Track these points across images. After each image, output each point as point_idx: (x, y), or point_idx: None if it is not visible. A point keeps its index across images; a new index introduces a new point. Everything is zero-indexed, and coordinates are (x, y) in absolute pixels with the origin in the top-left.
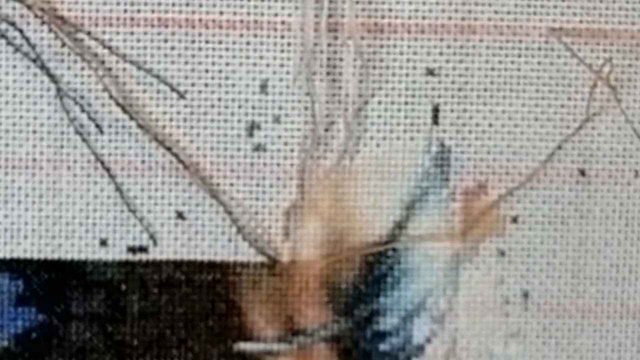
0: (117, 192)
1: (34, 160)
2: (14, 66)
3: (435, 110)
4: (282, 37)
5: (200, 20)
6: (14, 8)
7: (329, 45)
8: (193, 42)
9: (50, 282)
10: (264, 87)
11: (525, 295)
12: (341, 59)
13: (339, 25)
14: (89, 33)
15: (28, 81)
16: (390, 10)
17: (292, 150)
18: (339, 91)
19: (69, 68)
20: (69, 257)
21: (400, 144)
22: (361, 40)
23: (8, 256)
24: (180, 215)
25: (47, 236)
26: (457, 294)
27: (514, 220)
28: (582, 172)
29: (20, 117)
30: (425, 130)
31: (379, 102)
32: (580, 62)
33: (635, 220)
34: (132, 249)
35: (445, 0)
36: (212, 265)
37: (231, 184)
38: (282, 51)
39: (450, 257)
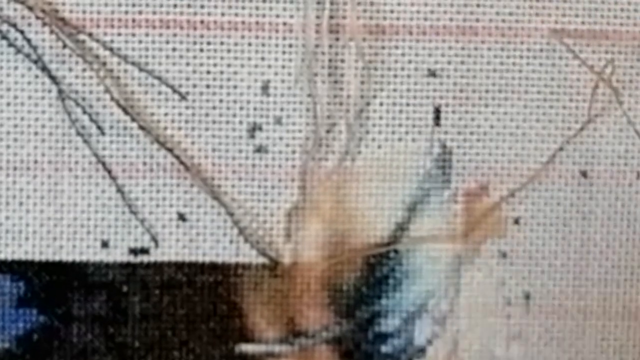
0: (119, 194)
1: (36, 161)
2: (16, 68)
3: (437, 112)
4: (284, 38)
5: (201, 21)
6: (15, 9)
7: (330, 46)
8: (195, 43)
9: (51, 283)
10: (265, 89)
11: (527, 296)
12: (343, 61)
13: (340, 27)
14: (90, 34)
15: (29, 83)
16: (392, 11)
17: (293, 152)
18: (340, 93)
19: (70, 69)
20: (70, 258)
21: (402, 146)
22: (363, 41)
23: (9, 258)
24: (181, 217)
25: (49, 238)
26: (459, 295)
27: (516, 221)
28: (584, 174)
29: (22, 118)
30: (427, 131)
31: (381, 104)
32: (582, 64)
33: (637, 221)
34: (133, 251)
35: (447, 2)
36: (213, 267)
37: (233, 186)
38: (284, 52)
39: (452, 259)
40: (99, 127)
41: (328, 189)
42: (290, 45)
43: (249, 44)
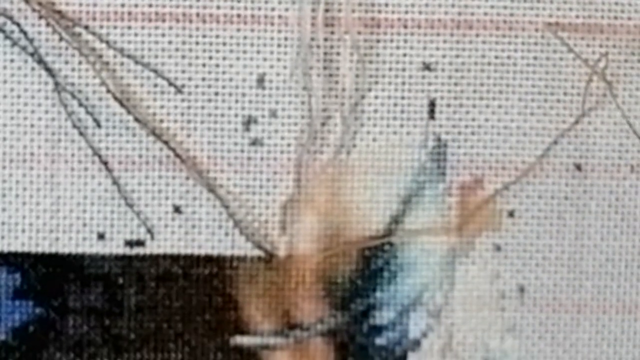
0: (115, 186)
1: (32, 154)
2: (12, 60)
3: (432, 105)
4: (279, 31)
5: (197, 14)
6: (11, 2)
7: (325, 39)
8: (190, 36)
9: (47, 275)
10: (261, 82)
11: (522, 289)
12: (338, 54)
13: (335, 20)
14: (86, 27)
15: (26, 75)
16: (386, 4)
17: (289, 145)
18: (335, 85)
19: (66, 62)
20: (66, 250)
21: (396, 139)
22: (358, 34)
23: (6, 250)
24: (177, 209)
25: (45, 230)
26: (454, 288)
27: (510, 214)
28: (579, 167)
29: (18, 111)
30: (422, 124)
31: (376, 97)
32: (577, 57)
33: (631, 214)
34: (129, 243)
35: None
36: (209, 259)
37: (228, 178)
38: (279, 45)
39: (446, 252)
40: (95, 120)
41: (323, 182)
42: (286, 39)
43: (245, 37)
